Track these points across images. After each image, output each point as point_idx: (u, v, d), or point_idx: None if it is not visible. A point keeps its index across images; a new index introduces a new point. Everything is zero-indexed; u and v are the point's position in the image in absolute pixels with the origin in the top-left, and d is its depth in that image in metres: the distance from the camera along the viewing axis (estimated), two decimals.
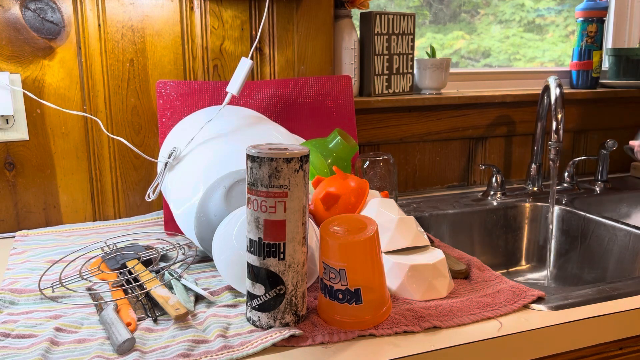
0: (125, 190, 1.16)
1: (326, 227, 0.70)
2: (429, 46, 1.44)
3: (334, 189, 0.87)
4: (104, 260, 0.88)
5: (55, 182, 1.11)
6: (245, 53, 1.19)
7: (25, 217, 1.10)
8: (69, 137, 1.10)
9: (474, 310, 0.73)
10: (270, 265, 0.66)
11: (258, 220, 0.66)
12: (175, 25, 1.13)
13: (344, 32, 1.28)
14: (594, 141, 1.61)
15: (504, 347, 0.68)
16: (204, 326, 0.70)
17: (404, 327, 0.69)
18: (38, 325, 0.70)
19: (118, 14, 1.09)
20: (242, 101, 1.15)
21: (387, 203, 0.86)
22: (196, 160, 0.98)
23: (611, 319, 0.74)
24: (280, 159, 0.64)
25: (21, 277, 0.85)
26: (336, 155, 1.02)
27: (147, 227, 1.10)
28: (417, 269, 0.77)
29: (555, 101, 1.19)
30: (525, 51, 1.71)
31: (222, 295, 0.79)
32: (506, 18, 1.68)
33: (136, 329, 0.69)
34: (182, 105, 1.10)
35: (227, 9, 1.16)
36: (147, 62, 1.13)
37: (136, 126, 1.14)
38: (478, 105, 1.43)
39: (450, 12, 1.62)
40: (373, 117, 1.34)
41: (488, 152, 1.49)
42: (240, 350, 0.63)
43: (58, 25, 1.06)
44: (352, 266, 0.67)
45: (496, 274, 0.84)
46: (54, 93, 1.08)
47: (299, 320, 0.70)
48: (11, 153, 1.07)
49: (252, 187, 0.66)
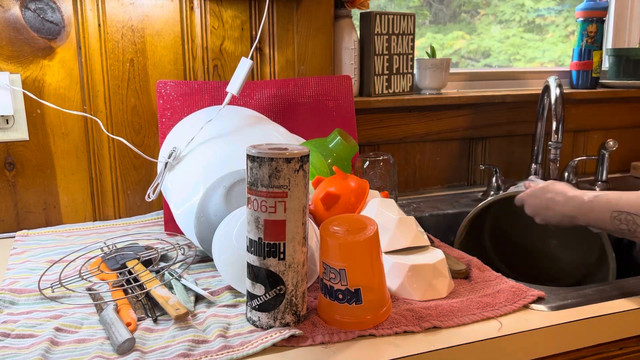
0: (125, 190, 1.16)
1: (326, 227, 0.70)
2: (429, 46, 1.44)
3: (334, 189, 0.86)
4: (103, 260, 0.88)
5: (55, 182, 1.11)
6: (245, 53, 1.19)
7: (25, 217, 1.10)
8: (69, 137, 1.10)
9: (474, 310, 0.73)
10: (270, 265, 0.66)
11: (258, 220, 0.66)
12: (175, 25, 1.13)
13: (344, 32, 1.28)
14: (594, 141, 1.61)
15: (504, 347, 0.68)
16: (204, 326, 0.70)
17: (404, 327, 0.69)
18: (38, 325, 0.70)
19: (118, 14, 1.09)
20: (242, 101, 1.15)
21: (387, 203, 0.86)
22: (196, 160, 0.98)
23: (611, 319, 0.74)
24: (280, 159, 0.64)
25: (21, 277, 0.85)
26: (336, 155, 1.02)
27: (147, 227, 1.10)
28: (417, 269, 0.77)
29: (556, 101, 1.19)
30: (525, 51, 1.71)
31: (222, 295, 0.79)
32: (506, 18, 1.68)
33: (136, 329, 0.69)
34: (182, 105, 1.10)
35: (227, 9, 1.16)
36: (147, 62, 1.13)
37: (136, 126, 1.14)
38: (478, 105, 1.43)
39: (450, 12, 1.62)
40: (373, 117, 1.34)
41: (488, 152, 1.49)
42: (240, 350, 0.63)
43: (58, 25, 1.06)
44: (352, 266, 0.67)
45: (496, 274, 0.84)
46: (54, 93, 1.08)
47: (299, 320, 0.70)
48: (11, 153, 1.07)
49: (252, 187, 0.66)
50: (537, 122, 1.36)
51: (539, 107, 1.34)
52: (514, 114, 1.48)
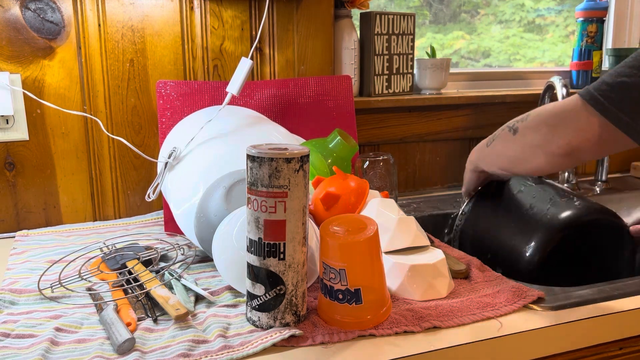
0: (125, 190, 1.16)
1: (326, 227, 0.70)
2: (429, 46, 1.44)
3: (334, 189, 0.87)
4: (103, 260, 0.88)
5: (55, 182, 1.11)
6: (245, 53, 1.19)
7: (25, 217, 1.10)
8: (69, 137, 1.10)
9: (474, 310, 0.73)
10: (270, 265, 0.66)
11: (258, 220, 0.66)
12: (175, 25, 1.13)
13: (344, 32, 1.28)
14: None
15: (504, 347, 0.68)
16: (204, 326, 0.70)
17: (404, 327, 0.69)
18: (38, 325, 0.70)
19: (118, 14, 1.09)
20: (242, 101, 1.15)
21: (387, 203, 0.86)
22: (196, 160, 0.98)
23: (611, 319, 0.74)
24: (280, 159, 0.64)
25: (21, 277, 0.85)
26: (336, 155, 1.02)
27: (147, 227, 1.10)
28: (417, 269, 0.77)
29: None
30: (525, 51, 1.72)
31: (222, 295, 0.79)
32: (506, 18, 1.68)
33: (136, 329, 0.69)
34: (182, 105, 1.10)
35: (227, 9, 1.16)
36: (147, 62, 1.13)
37: (136, 126, 1.14)
38: (478, 105, 1.43)
39: (450, 12, 1.62)
40: (373, 117, 1.34)
41: None
42: (240, 350, 0.63)
43: (58, 25, 1.06)
44: (352, 266, 0.67)
45: (496, 274, 0.84)
46: (54, 93, 1.08)
47: (299, 320, 0.70)
48: (11, 153, 1.07)
49: (252, 187, 0.66)
50: None
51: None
52: (514, 114, 1.47)
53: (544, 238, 0.86)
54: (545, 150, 0.78)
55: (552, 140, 0.77)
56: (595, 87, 0.72)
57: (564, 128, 0.75)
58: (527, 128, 0.82)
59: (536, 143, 0.79)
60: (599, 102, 0.71)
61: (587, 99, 0.72)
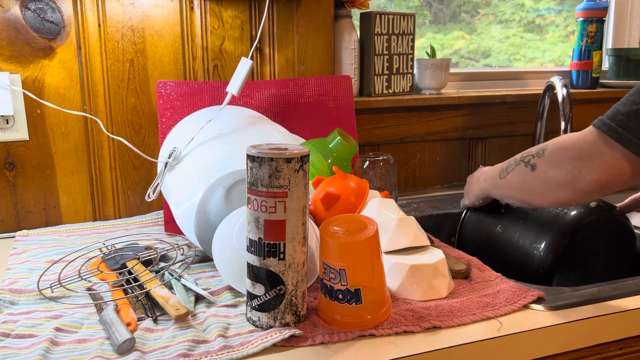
0: (125, 190, 1.16)
1: (326, 227, 0.70)
2: (429, 46, 1.44)
3: (334, 189, 0.87)
4: (103, 260, 0.88)
5: (55, 182, 1.11)
6: (245, 53, 1.19)
7: (25, 217, 1.10)
8: (69, 137, 1.10)
9: (474, 310, 0.73)
10: (270, 265, 0.66)
11: (258, 220, 0.66)
12: (175, 25, 1.13)
13: (344, 32, 1.28)
14: None
15: (504, 347, 0.68)
16: (204, 326, 0.70)
17: (404, 327, 0.69)
18: (38, 325, 0.70)
19: (118, 14, 1.09)
20: (242, 101, 1.15)
21: (387, 203, 0.86)
22: (196, 160, 0.98)
23: (611, 319, 0.74)
24: (280, 159, 0.64)
25: (21, 277, 0.85)
26: (336, 155, 1.02)
27: (147, 227, 1.10)
28: (417, 269, 0.77)
29: (563, 101, 1.19)
30: (525, 51, 1.72)
31: (222, 295, 0.79)
32: (506, 18, 1.68)
33: (136, 329, 0.69)
34: (182, 105, 1.10)
35: (227, 9, 1.16)
36: (147, 62, 1.13)
37: (136, 126, 1.14)
38: (478, 105, 1.43)
39: (450, 12, 1.62)
40: (373, 117, 1.34)
41: (488, 152, 1.49)
42: (240, 350, 0.63)
43: (58, 25, 1.06)
44: (352, 266, 0.67)
45: (496, 274, 0.84)
46: (54, 93, 1.08)
47: (299, 320, 0.70)
48: (11, 153, 1.07)
49: (252, 187, 0.66)
50: (537, 122, 1.36)
51: (539, 107, 1.34)
52: (514, 114, 1.48)
53: (556, 237, 0.85)
54: (573, 187, 0.74)
55: (579, 177, 0.73)
56: (610, 117, 0.70)
57: (589, 164, 0.72)
58: (547, 164, 0.78)
59: (560, 180, 0.76)
60: (618, 133, 0.69)
61: (605, 131, 0.70)
